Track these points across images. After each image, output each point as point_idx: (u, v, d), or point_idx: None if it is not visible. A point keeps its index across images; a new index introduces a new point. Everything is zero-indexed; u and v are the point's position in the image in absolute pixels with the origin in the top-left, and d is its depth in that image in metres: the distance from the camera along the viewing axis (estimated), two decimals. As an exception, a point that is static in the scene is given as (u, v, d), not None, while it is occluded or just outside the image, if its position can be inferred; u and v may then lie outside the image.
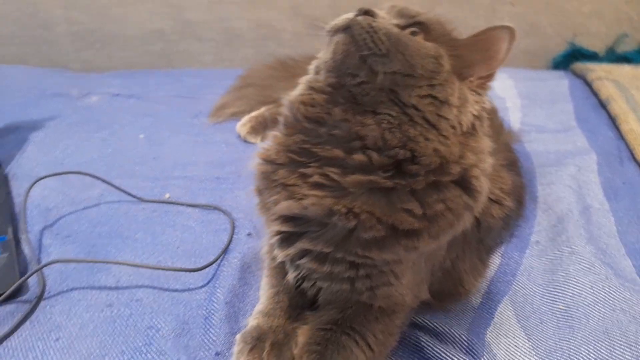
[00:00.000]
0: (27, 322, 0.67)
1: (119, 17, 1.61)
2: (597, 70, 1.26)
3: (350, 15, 0.56)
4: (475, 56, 0.60)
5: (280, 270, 0.66)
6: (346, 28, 0.55)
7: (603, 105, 1.16)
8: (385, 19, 0.58)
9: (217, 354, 0.62)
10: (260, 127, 1.18)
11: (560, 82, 1.31)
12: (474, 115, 0.58)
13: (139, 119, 1.25)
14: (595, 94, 1.21)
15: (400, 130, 0.53)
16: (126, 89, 1.40)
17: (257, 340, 0.59)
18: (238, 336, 0.60)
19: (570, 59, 1.42)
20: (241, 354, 0.58)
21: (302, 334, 0.60)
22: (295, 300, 0.64)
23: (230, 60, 1.64)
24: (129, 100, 1.35)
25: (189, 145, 1.14)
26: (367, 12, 0.56)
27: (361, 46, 0.54)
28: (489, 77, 0.61)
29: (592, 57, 1.40)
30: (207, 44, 1.63)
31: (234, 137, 1.18)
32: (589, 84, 1.27)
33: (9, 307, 0.69)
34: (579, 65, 1.35)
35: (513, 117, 1.15)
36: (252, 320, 0.62)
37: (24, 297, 0.71)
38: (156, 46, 1.65)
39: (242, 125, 1.19)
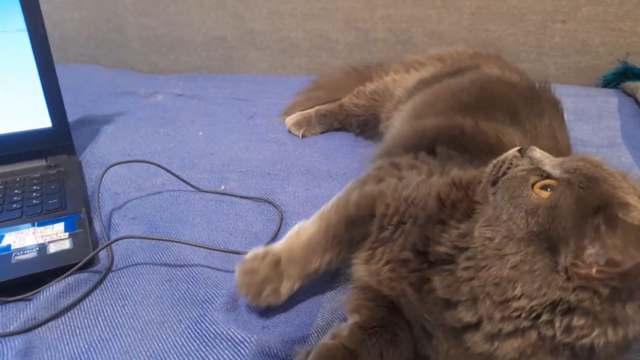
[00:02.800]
0: (98, 290, 0.75)
1: (185, 24, 1.73)
2: (647, 89, 1.25)
3: (554, 166, 0.54)
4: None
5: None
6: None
7: (651, 123, 1.16)
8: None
9: (263, 327, 0.68)
10: (305, 122, 1.26)
11: (609, 99, 1.30)
12: None
13: (199, 117, 1.35)
14: (644, 112, 1.21)
15: None
16: (189, 90, 1.51)
17: None
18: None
19: (622, 77, 1.40)
20: None
21: None
22: None
23: (284, 68, 1.73)
24: (190, 100, 1.45)
25: (243, 143, 1.22)
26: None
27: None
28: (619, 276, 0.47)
29: (644, 76, 1.39)
30: (264, 52, 1.72)
31: (285, 138, 1.25)
32: (638, 102, 1.26)
33: (83, 276, 0.76)
34: (630, 84, 1.33)
35: (558, 131, 1.16)
36: None
37: (95, 268, 0.79)
38: (217, 52, 1.76)
39: (290, 119, 1.29)
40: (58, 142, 1.11)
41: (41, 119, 1.09)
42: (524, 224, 0.50)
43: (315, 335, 0.67)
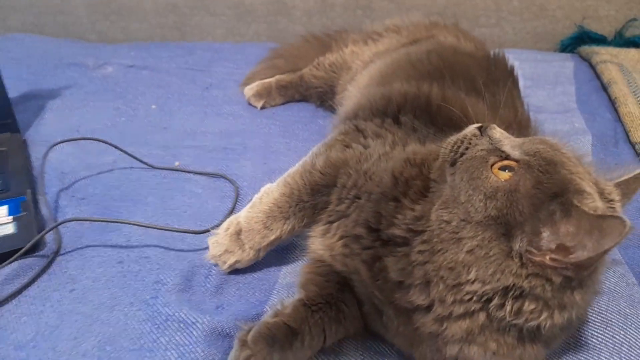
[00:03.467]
0: (45, 275, 0.72)
1: (134, -11, 1.64)
2: (602, 54, 1.27)
3: (513, 147, 0.54)
4: (563, 231, 0.48)
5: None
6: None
7: (605, 88, 1.17)
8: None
9: (217, 307, 0.67)
10: (265, 93, 1.24)
11: (566, 64, 1.32)
12: None
13: (151, 89, 1.30)
14: (598, 76, 1.22)
15: None
16: (140, 61, 1.44)
17: None
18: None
19: (579, 42, 1.42)
20: None
21: None
22: None
23: (242, 35, 1.67)
24: (142, 71, 1.39)
25: (198, 116, 1.18)
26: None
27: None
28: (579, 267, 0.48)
29: (600, 40, 1.40)
30: (219, 18, 1.65)
31: (242, 110, 1.22)
32: (593, 67, 1.27)
33: (28, 261, 0.74)
34: (586, 49, 1.35)
35: (514, 98, 1.17)
36: None
37: (42, 252, 0.76)
38: (169, 19, 1.68)
39: (249, 89, 1.25)
40: (-1, 120, 1.05)
41: (-22, 96, 1.03)
42: (482, 207, 0.50)
43: (270, 312, 0.66)
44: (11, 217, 0.80)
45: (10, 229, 0.78)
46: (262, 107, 1.23)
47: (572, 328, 0.56)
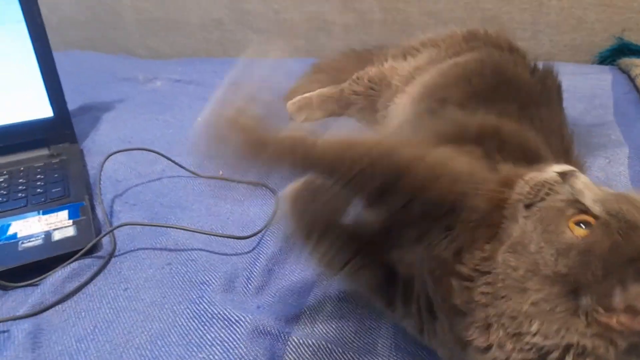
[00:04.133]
0: (101, 275, 0.78)
1: (182, 6, 1.73)
2: (642, 66, 1.25)
3: (595, 201, 0.51)
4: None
5: None
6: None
7: (643, 100, 1.16)
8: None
9: (258, 307, 0.71)
10: (306, 107, 1.27)
11: (603, 76, 1.30)
12: None
13: (197, 103, 1.36)
14: (637, 89, 1.21)
15: None
16: (186, 75, 1.52)
17: None
18: None
19: (618, 54, 1.39)
20: None
21: None
22: None
23: (282, 51, 1.73)
24: (188, 86, 1.47)
25: (240, 127, 1.24)
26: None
27: None
28: None
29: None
30: (261, 34, 1.72)
31: (283, 122, 1.26)
32: (632, 80, 1.26)
33: (87, 262, 0.80)
34: (625, 60, 1.33)
35: (550, 111, 1.17)
36: None
37: (98, 254, 0.82)
38: (214, 35, 1.76)
39: (291, 103, 1.28)
40: (60, 131, 1.13)
41: (42, 109, 1.12)
42: (552, 263, 0.48)
43: (308, 313, 0.70)
44: (71, 220, 0.87)
45: (70, 231, 0.85)
46: (304, 121, 1.27)
47: None
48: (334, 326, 0.69)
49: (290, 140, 0.56)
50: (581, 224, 0.49)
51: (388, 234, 0.64)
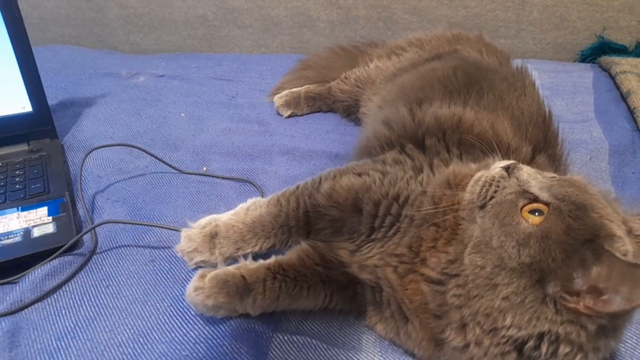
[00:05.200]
0: (82, 272, 0.77)
1: (166, 3, 1.71)
2: (622, 64, 1.27)
3: (541, 189, 0.55)
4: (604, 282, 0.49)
5: None
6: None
7: (624, 98, 1.18)
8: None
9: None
10: (293, 103, 1.28)
11: (585, 74, 1.32)
12: None
13: (181, 98, 1.35)
14: (618, 87, 1.23)
15: None
16: (170, 71, 1.50)
17: None
18: None
19: (599, 52, 1.42)
20: None
21: None
22: None
23: (267, 47, 1.72)
24: (172, 81, 1.45)
25: (225, 124, 1.23)
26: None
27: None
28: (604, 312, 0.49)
29: (621, 50, 1.40)
30: (246, 30, 1.71)
31: (267, 117, 1.26)
32: (613, 77, 1.28)
33: (67, 259, 0.78)
34: (606, 59, 1.35)
35: (533, 108, 1.18)
36: None
37: (79, 251, 0.81)
38: (199, 31, 1.75)
39: (278, 97, 1.29)
40: (40, 126, 1.11)
41: (21, 104, 1.09)
42: (515, 255, 0.51)
43: (291, 311, 0.69)
44: (51, 217, 0.85)
45: (50, 228, 0.83)
46: (289, 116, 1.28)
47: None
48: (319, 322, 0.69)
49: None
50: (535, 212, 0.53)
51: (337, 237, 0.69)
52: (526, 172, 0.58)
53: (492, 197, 0.56)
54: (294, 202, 0.73)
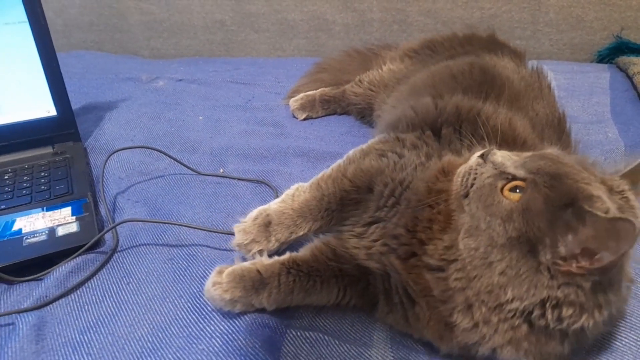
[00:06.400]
0: (104, 269, 0.80)
1: (185, 8, 1.75)
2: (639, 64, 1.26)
3: (516, 167, 0.57)
4: (586, 237, 0.51)
5: None
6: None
7: (640, 98, 1.17)
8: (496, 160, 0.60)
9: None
10: (309, 105, 1.30)
11: (602, 75, 1.31)
12: None
13: (199, 102, 1.38)
14: (635, 87, 1.22)
15: None
16: (189, 75, 1.54)
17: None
18: None
19: (617, 52, 1.40)
20: None
21: None
22: None
23: (283, 50, 1.75)
24: (191, 85, 1.48)
25: (242, 126, 1.25)
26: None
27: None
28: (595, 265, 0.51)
29: (639, 50, 1.38)
30: (263, 34, 1.74)
31: (283, 120, 1.28)
32: (630, 78, 1.26)
33: (90, 257, 0.81)
34: (624, 59, 1.34)
35: (549, 108, 1.18)
36: None
37: (101, 249, 0.84)
38: (217, 36, 1.78)
39: (294, 101, 1.31)
40: (64, 130, 1.15)
41: (47, 108, 1.13)
42: (502, 231, 0.54)
43: (304, 308, 0.71)
44: (74, 217, 0.89)
45: (73, 227, 0.86)
46: (304, 119, 1.29)
47: (613, 321, 0.60)
48: (331, 319, 0.70)
49: None
50: (516, 189, 0.56)
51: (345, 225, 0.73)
52: (500, 155, 0.60)
53: (472, 185, 0.59)
54: (332, 185, 0.77)
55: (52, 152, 1.12)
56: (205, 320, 0.68)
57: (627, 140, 1.01)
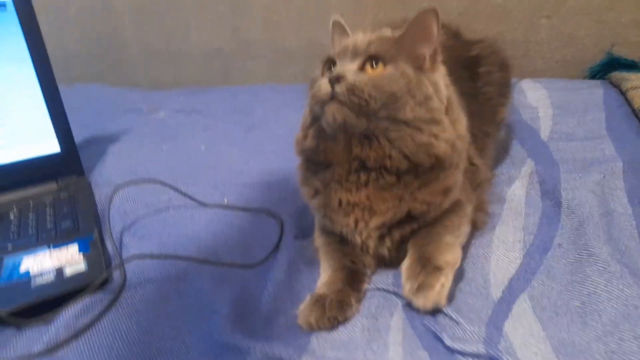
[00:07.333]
0: (113, 308, 0.79)
1: (184, 38, 1.78)
2: (633, 80, 1.26)
3: (326, 85, 0.69)
4: (418, 40, 0.72)
5: (335, 251, 0.83)
6: (332, 98, 0.68)
7: (635, 114, 1.18)
8: (350, 71, 0.70)
9: (267, 336, 0.73)
10: None
11: (595, 91, 1.32)
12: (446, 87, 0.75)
13: (200, 131, 1.40)
14: (629, 103, 1.23)
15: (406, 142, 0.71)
16: (189, 105, 1.55)
17: (321, 297, 0.74)
18: (307, 296, 0.76)
19: (609, 68, 1.42)
20: (307, 304, 0.74)
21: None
22: (350, 274, 0.79)
23: (280, 77, 1.77)
24: (191, 115, 1.50)
25: (243, 155, 1.26)
26: (338, 79, 0.68)
27: (353, 107, 0.68)
28: (435, 54, 0.74)
29: (631, 66, 1.40)
30: (260, 61, 1.76)
31: (282, 148, 1.29)
32: (623, 93, 1.28)
33: (98, 295, 0.81)
34: (616, 75, 1.35)
35: (544, 126, 1.19)
36: (317, 289, 0.78)
37: (110, 287, 0.83)
38: (215, 64, 1.80)
39: None
40: (67, 165, 1.16)
41: (50, 144, 1.15)
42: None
43: (316, 340, 0.71)
44: (81, 254, 0.89)
45: (81, 266, 0.86)
46: None
47: None
48: (343, 353, 0.70)
49: None
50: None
51: None
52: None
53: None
54: None
55: (56, 188, 1.13)
56: (217, 357, 0.69)
57: (624, 157, 1.02)
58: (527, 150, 1.11)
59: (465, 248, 0.84)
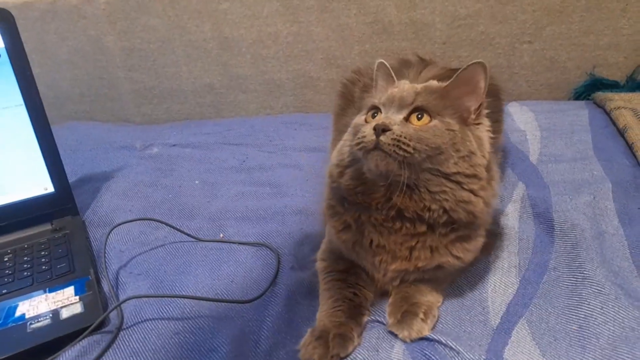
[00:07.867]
0: (111, 350, 0.78)
1: (174, 75, 1.80)
2: (616, 100, 1.30)
3: (371, 133, 0.69)
4: (464, 94, 0.72)
5: (336, 282, 0.83)
6: (376, 147, 0.68)
7: (621, 133, 1.20)
8: (396, 122, 0.70)
9: (268, 372, 0.73)
10: None
11: (581, 112, 1.36)
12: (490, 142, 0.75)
13: (194, 166, 1.40)
14: (614, 122, 1.26)
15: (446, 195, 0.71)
16: (182, 140, 1.56)
17: (322, 332, 0.73)
18: (308, 330, 0.75)
19: (592, 88, 1.46)
20: (309, 340, 0.73)
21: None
22: (351, 306, 0.79)
23: (272, 108, 1.79)
24: (185, 149, 1.51)
25: (238, 188, 1.27)
26: (384, 130, 0.68)
27: (396, 157, 0.68)
28: (480, 108, 0.74)
29: (613, 86, 1.44)
30: (251, 94, 1.78)
31: (276, 180, 1.30)
32: (608, 114, 1.31)
33: (95, 337, 0.80)
34: (600, 95, 1.39)
35: (532, 149, 1.21)
36: (318, 322, 0.77)
37: (107, 329, 0.83)
38: (207, 99, 1.82)
39: None
40: (62, 205, 1.16)
41: (44, 185, 1.15)
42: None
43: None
44: (78, 296, 0.88)
45: (78, 308, 0.86)
46: None
47: None
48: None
49: None
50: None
51: None
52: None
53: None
54: None
55: (51, 229, 1.12)
56: (217, 397, 0.68)
57: (612, 177, 1.04)
58: (517, 174, 1.12)
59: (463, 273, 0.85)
